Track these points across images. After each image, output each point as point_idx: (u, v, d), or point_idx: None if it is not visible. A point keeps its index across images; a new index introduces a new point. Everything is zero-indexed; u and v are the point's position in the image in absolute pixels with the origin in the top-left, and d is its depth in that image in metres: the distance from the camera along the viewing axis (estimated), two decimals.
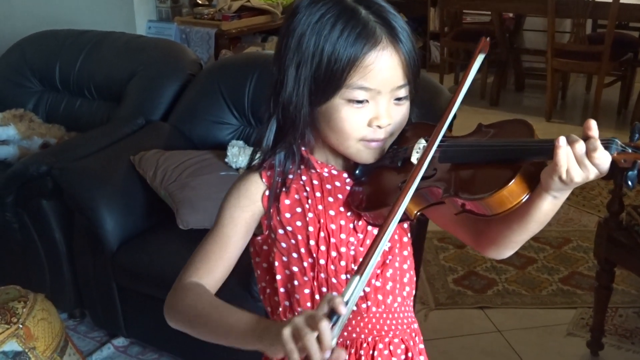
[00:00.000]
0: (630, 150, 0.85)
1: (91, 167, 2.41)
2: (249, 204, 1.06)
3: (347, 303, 0.82)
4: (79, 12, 4.17)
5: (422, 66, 1.12)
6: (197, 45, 4.24)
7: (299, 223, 1.06)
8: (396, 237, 1.12)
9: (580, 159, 0.85)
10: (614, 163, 0.85)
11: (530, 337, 2.57)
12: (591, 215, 3.48)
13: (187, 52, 3.00)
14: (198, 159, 2.41)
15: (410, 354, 1.14)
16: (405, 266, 1.14)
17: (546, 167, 0.89)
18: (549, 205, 0.93)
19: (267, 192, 1.06)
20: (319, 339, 0.78)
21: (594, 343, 2.43)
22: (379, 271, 1.09)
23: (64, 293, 2.57)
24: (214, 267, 1.05)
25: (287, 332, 0.81)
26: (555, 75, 5.02)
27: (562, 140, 0.86)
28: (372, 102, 1.00)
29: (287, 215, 1.06)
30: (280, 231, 1.07)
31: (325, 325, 0.78)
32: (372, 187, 1.06)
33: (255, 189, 1.07)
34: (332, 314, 0.80)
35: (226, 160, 2.38)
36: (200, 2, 4.45)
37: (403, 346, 1.13)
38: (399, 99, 1.02)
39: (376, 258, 0.88)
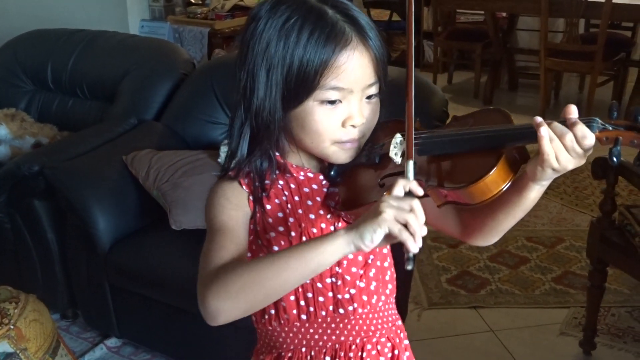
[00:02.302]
0: (610, 128, 0.87)
1: (83, 167, 2.40)
2: (239, 205, 1.04)
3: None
4: (71, 11, 4.15)
5: (416, 65, 1.12)
6: (190, 45, 4.23)
7: (281, 228, 1.05)
8: None
9: (572, 148, 0.86)
10: (596, 142, 0.87)
11: (523, 336, 2.58)
12: (584, 214, 3.49)
13: (180, 52, 2.99)
14: (191, 159, 2.40)
15: (396, 352, 1.15)
16: (385, 264, 1.14)
17: (532, 160, 0.90)
18: (536, 194, 0.94)
19: (250, 197, 1.04)
20: (415, 215, 0.84)
21: (586, 342, 2.43)
22: (361, 271, 1.09)
23: (57, 293, 2.56)
24: (235, 253, 0.98)
25: (389, 215, 0.84)
26: (549, 74, 5.03)
27: (544, 130, 0.86)
28: (345, 102, 0.99)
29: (270, 220, 1.05)
30: (266, 236, 1.05)
31: (417, 203, 0.84)
32: (350, 187, 1.05)
33: (240, 194, 1.04)
34: (409, 195, 0.86)
35: (219, 160, 2.37)
36: (193, 1, 4.44)
37: (390, 344, 1.14)
38: (369, 97, 1.01)
39: (412, 139, 0.91)
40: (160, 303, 2.24)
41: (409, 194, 0.86)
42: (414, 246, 0.83)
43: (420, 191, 0.87)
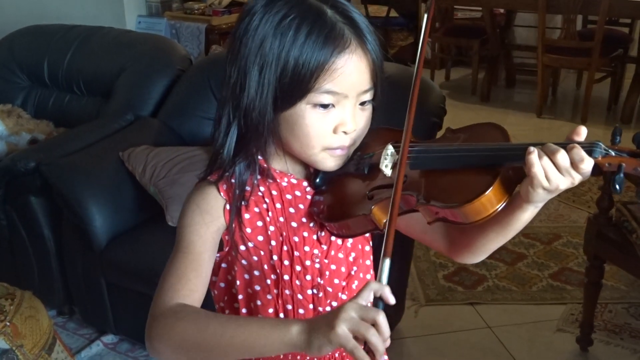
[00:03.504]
0: (613, 154, 0.84)
1: (80, 163, 2.39)
2: (212, 219, 0.98)
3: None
4: (68, 7, 4.14)
5: (412, 61, 1.10)
6: (188, 41, 4.23)
7: (260, 238, 1.00)
8: (359, 246, 1.08)
9: (565, 169, 0.83)
10: (598, 167, 0.84)
11: (520, 332, 2.58)
12: (581, 211, 3.49)
13: (177, 48, 2.98)
14: (188, 155, 2.40)
15: None
16: (368, 276, 1.09)
17: (525, 180, 0.86)
18: (529, 215, 0.91)
19: (227, 206, 0.98)
20: (378, 331, 0.76)
21: (583, 339, 2.44)
22: (344, 283, 1.05)
23: (53, 290, 2.56)
24: (195, 286, 0.94)
25: (343, 330, 0.76)
26: (546, 71, 5.03)
27: (534, 157, 0.83)
28: (338, 106, 0.95)
29: (248, 230, 0.99)
30: (242, 247, 1.00)
31: (382, 317, 0.76)
32: (337, 196, 1.00)
33: (216, 203, 0.98)
34: (378, 301, 0.78)
35: None
36: None
37: None
38: (363, 103, 0.97)
39: (393, 235, 0.84)
40: None
41: (380, 299, 0.78)
42: None
43: (392, 300, 0.78)
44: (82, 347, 2.50)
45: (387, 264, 0.81)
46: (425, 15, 0.98)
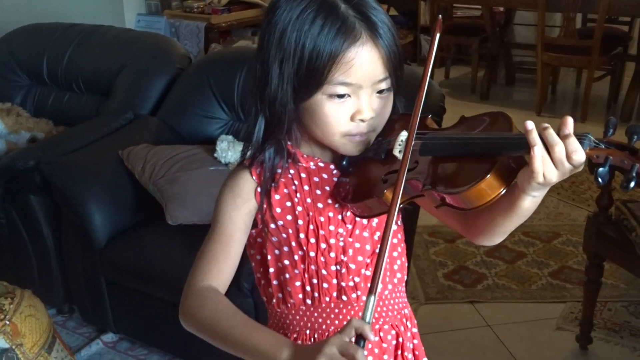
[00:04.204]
0: (602, 146, 0.85)
1: (79, 162, 2.39)
2: (244, 201, 1.08)
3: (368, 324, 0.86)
4: (67, 5, 4.13)
5: (412, 60, 1.12)
6: (187, 39, 4.22)
7: (289, 217, 1.07)
8: None
9: (559, 161, 0.85)
10: (586, 159, 0.85)
11: (519, 331, 2.58)
12: (581, 209, 3.49)
13: (176, 46, 2.98)
14: (187, 154, 2.40)
15: (401, 339, 1.15)
16: (395, 254, 1.15)
17: (522, 171, 0.89)
18: (528, 204, 0.93)
19: (258, 189, 1.07)
20: None
21: (583, 337, 2.44)
22: (368, 260, 1.10)
23: (53, 289, 2.56)
24: (224, 267, 1.06)
25: None
26: (546, 69, 5.03)
27: (538, 151, 0.84)
28: (354, 96, 1.00)
29: (278, 210, 1.07)
30: (272, 225, 1.08)
31: (361, 354, 0.82)
32: (357, 179, 1.06)
33: (248, 186, 1.08)
34: (359, 339, 0.84)
35: (215, 155, 2.37)
36: None
37: (393, 332, 1.15)
38: (381, 91, 1.02)
39: (381, 272, 0.89)
40: (156, 298, 2.24)
41: (360, 336, 0.85)
42: None
43: (371, 337, 0.85)
44: (81, 346, 2.50)
45: (371, 301, 0.86)
46: (436, 39, 1.02)
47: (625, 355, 2.43)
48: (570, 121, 0.86)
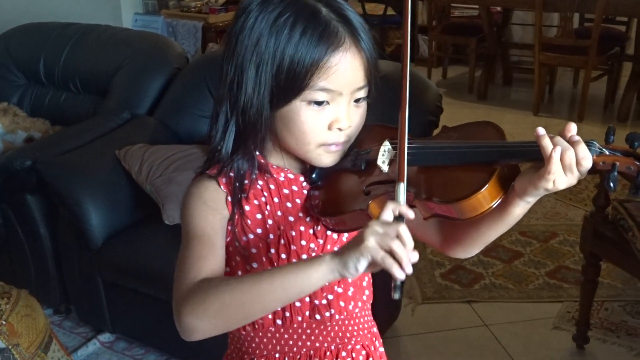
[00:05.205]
0: (607, 153, 0.86)
1: (76, 162, 2.39)
2: (217, 208, 1.00)
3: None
4: (64, 5, 4.13)
5: (410, 60, 1.11)
6: (184, 39, 4.22)
7: (259, 230, 1.02)
8: None
9: (569, 167, 0.84)
10: (593, 165, 0.85)
11: (516, 330, 2.58)
12: (578, 209, 3.49)
13: (173, 46, 2.98)
14: (184, 154, 2.39)
15: (371, 359, 1.13)
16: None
17: (526, 175, 0.88)
18: (520, 210, 0.92)
19: (229, 198, 1.00)
20: (402, 242, 0.81)
21: (579, 336, 2.44)
22: None
23: (49, 288, 2.55)
24: (214, 265, 0.96)
25: (372, 243, 0.81)
26: (543, 69, 5.03)
27: (558, 153, 0.83)
28: (333, 103, 0.96)
29: (249, 222, 1.02)
30: (244, 238, 1.02)
31: (404, 229, 0.81)
32: (333, 191, 1.02)
33: (217, 195, 1.00)
34: (399, 218, 0.83)
35: None
36: None
37: (364, 352, 1.12)
38: (357, 100, 0.99)
39: (406, 158, 0.89)
40: (153, 298, 2.23)
41: (399, 217, 0.84)
42: (399, 273, 0.80)
43: (411, 214, 0.84)
44: (78, 346, 2.49)
45: (401, 187, 0.87)
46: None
47: (621, 355, 2.43)
48: (574, 127, 0.85)
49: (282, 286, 0.86)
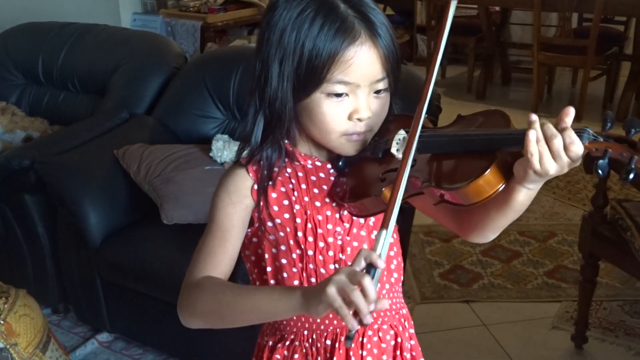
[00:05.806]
0: (601, 139, 0.87)
1: (74, 161, 2.38)
2: (240, 199, 1.07)
3: (379, 256, 0.86)
4: (62, 4, 4.12)
5: (409, 59, 1.12)
6: (183, 38, 4.22)
7: (286, 215, 1.08)
8: None
9: (557, 153, 0.86)
10: (585, 152, 0.87)
11: (515, 330, 2.58)
12: (576, 209, 3.49)
13: (172, 45, 2.97)
14: (182, 153, 2.39)
15: (399, 339, 1.16)
16: (391, 253, 1.16)
17: (519, 160, 0.90)
18: (523, 197, 0.94)
19: (255, 186, 1.07)
20: (363, 293, 0.82)
21: (578, 336, 2.44)
22: None
23: (48, 288, 2.55)
24: (221, 261, 1.06)
25: (332, 291, 0.84)
26: (541, 69, 5.04)
27: (532, 134, 0.86)
28: (352, 95, 1.01)
29: (275, 208, 1.08)
30: (269, 224, 1.08)
31: (368, 280, 0.83)
32: (354, 178, 1.07)
33: (244, 184, 1.08)
34: (370, 268, 0.85)
35: (211, 154, 2.37)
36: None
37: (392, 332, 1.16)
38: (378, 91, 1.03)
39: (396, 207, 0.90)
40: (151, 298, 2.23)
41: (370, 265, 0.85)
42: (352, 324, 0.83)
43: (381, 264, 0.85)
44: (76, 346, 2.49)
45: (382, 234, 0.88)
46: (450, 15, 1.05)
47: (620, 354, 2.43)
48: (571, 111, 0.87)
49: (256, 309, 0.97)
